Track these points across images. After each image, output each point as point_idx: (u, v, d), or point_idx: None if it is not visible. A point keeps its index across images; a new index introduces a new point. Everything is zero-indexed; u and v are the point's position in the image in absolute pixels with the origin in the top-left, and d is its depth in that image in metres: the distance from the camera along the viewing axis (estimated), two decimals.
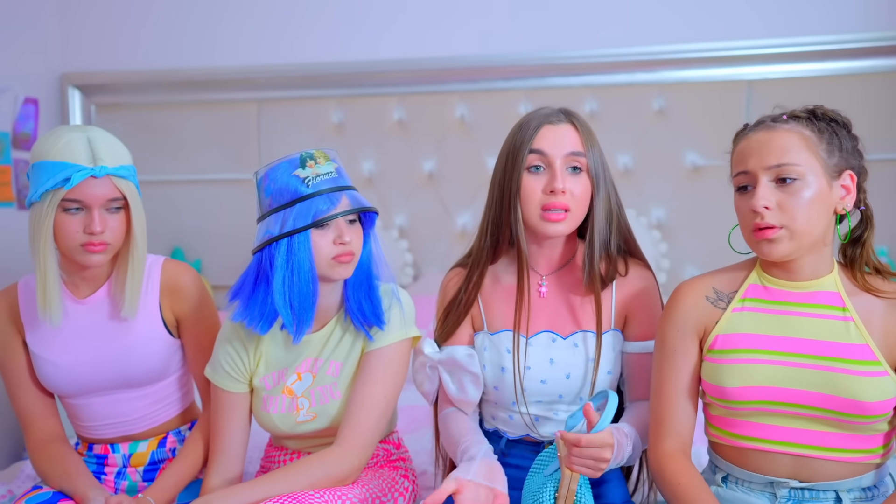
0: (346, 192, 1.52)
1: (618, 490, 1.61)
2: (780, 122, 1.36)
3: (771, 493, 1.38)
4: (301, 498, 1.43)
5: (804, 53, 2.92)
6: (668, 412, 1.43)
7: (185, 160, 3.39)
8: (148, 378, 1.70)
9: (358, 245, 1.54)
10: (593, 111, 3.11)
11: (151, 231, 3.27)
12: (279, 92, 3.27)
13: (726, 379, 1.37)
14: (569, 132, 1.53)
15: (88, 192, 1.53)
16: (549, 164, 1.51)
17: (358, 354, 1.60)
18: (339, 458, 1.52)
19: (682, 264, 3.08)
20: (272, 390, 1.61)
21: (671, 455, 1.41)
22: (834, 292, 1.37)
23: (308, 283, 1.49)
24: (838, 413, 1.32)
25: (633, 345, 1.58)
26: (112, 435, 1.73)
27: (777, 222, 1.30)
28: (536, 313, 1.58)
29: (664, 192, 3.09)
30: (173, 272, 1.72)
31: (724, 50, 2.98)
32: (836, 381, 1.32)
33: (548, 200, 1.49)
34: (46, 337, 1.66)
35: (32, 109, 3.26)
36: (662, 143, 3.07)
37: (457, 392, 1.60)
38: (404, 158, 3.24)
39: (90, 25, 3.42)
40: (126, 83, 3.36)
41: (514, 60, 3.11)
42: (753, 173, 1.33)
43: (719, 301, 1.43)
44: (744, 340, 1.39)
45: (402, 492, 1.66)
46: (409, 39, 3.21)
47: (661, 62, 3.03)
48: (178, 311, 1.71)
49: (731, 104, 3.00)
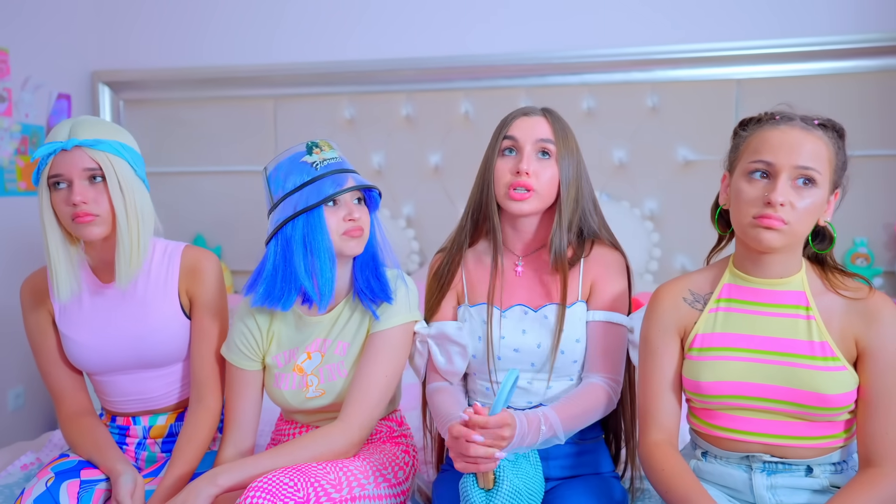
0: (350, 174, 1.56)
1: (605, 461, 1.63)
2: (812, 127, 1.31)
3: (747, 465, 1.39)
4: (304, 469, 1.44)
5: (790, 54, 2.90)
6: (654, 406, 1.43)
7: (206, 153, 3.40)
8: (167, 359, 1.70)
9: (366, 223, 1.57)
10: (590, 108, 3.08)
11: (175, 218, 3.35)
12: (294, 88, 3.27)
13: (701, 375, 1.37)
14: (540, 122, 1.57)
15: (64, 165, 1.53)
16: (520, 148, 1.54)
17: (364, 335, 1.61)
18: (341, 432, 1.53)
19: (672, 254, 3.06)
20: (283, 368, 1.62)
21: (657, 445, 1.41)
22: (800, 291, 1.37)
23: (326, 254, 1.52)
24: (803, 406, 1.32)
25: (594, 313, 1.58)
26: (134, 409, 1.73)
27: (785, 218, 1.28)
28: (512, 290, 1.60)
29: (657, 185, 3.07)
30: (193, 256, 1.70)
31: (714, 51, 2.96)
32: (799, 376, 1.32)
33: (514, 180, 1.53)
34: (73, 317, 1.67)
35: (65, 105, 3.26)
36: (655, 139, 3.05)
37: (445, 363, 1.61)
38: (412, 152, 3.23)
39: (120, 26, 3.44)
40: (152, 80, 3.37)
41: (516, 60, 3.10)
42: (777, 167, 1.29)
43: (696, 303, 1.43)
44: (719, 339, 1.39)
45: (402, 466, 1.66)
46: (418, 39, 3.20)
47: (654, 62, 3.01)
48: (192, 293, 1.69)
49: (721, 102, 2.97)
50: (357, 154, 3.25)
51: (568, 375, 1.57)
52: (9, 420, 2.97)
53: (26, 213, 2.99)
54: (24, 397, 3.05)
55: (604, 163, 3.09)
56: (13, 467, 1.82)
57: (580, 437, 1.58)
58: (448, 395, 1.61)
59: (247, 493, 1.35)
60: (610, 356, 1.56)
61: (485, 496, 1.35)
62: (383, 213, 3.22)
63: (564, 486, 1.52)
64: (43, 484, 1.55)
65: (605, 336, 1.56)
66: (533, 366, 1.57)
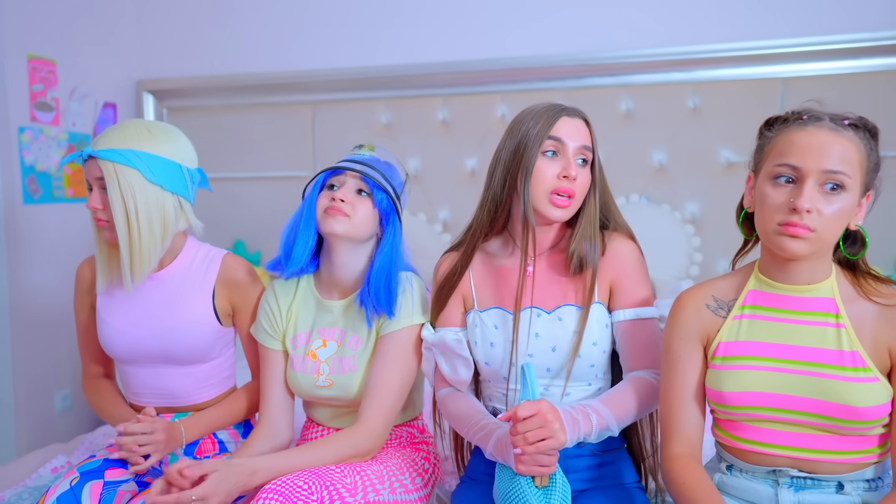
0: (362, 166, 1.60)
1: (629, 471, 1.57)
2: (842, 127, 1.23)
3: (773, 480, 1.33)
4: (319, 471, 1.45)
5: (839, 51, 2.78)
6: (676, 416, 1.38)
7: (246, 159, 3.44)
8: (190, 357, 1.73)
9: (360, 213, 1.58)
10: (629, 110, 3.02)
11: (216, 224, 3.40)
12: (332, 94, 3.28)
13: (724, 384, 1.32)
14: (582, 126, 1.52)
15: (87, 173, 1.63)
16: (564, 151, 1.49)
17: (375, 334, 1.63)
18: (361, 434, 1.54)
19: (714, 258, 2.97)
20: (298, 350, 1.67)
21: (679, 457, 1.35)
22: (829, 298, 1.30)
23: (304, 225, 1.62)
24: (833, 419, 1.26)
25: (620, 313, 1.52)
26: (155, 404, 1.76)
27: (812, 225, 1.22)
28: (524, 291, 1.54)
29: (698, 188, 2.98)
30: (231, 266, 1.76)
31: (758, 49, 2.85)
32: (828, 387, 1.25)
33: (559, 185, 1.47)
34: (112, 302, 1.74)
35: (111, 113, 3.35)
36: (697, 140, 2.96)
37: (450, 373, 1.58)
38: (448, 156, 3.21)
39: (162, 36, 3.51)
40: (194, 87, 3.42)
41: (553, 62, 3.05)
42: (804, 171, 1.22)
43: (719, 309, 1.37)
44: (743, 347, 1.33)
45: (421, 472, 1.64)
46: (453, 43, 3.18)
47: (695, 61, 2.92)
48: (235, 302, 1.75)
49: (766, 101, 2.87)
50: None
51: (586, 380, 1.52)
52: (56, 422, 3.05)
53: (74, 219, 3.08)
54: (72, 399, 3.12)
55: (643, 165, 3.02)
56: (44, 469, 1.86)
57: (602, 447, 1.53)
58: (464, 399, 1.59)
59: (259, 496, 1.36)
60: (647, 351, 1.51)
61: (541, 494, 1.33)
62: (419, 217, 3.21)
63: (585, 498, 1.48)
64: (67, 483, 1.58)
65: (638, 332, 1.51)
66: (549, 371, 1.52)
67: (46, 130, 2.99)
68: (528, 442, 1.30)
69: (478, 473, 1.60)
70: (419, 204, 3.24)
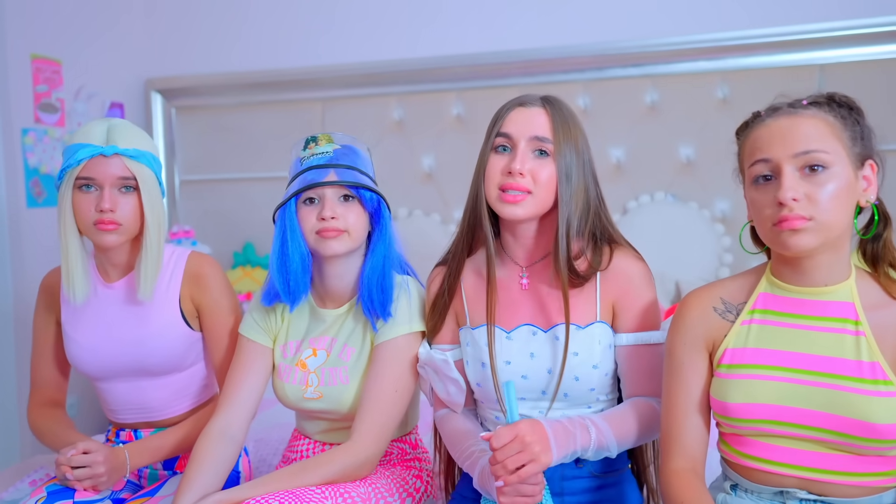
0: (336, 169, 1.45)
1: (633, 495, 1.44)
2: (801, 108, 1.18)
3: (780, 501, 1.22)
4: (299, 493, 1.33)
5: (880, 34, 2.60)
6: (677, 428, 1.27)
7: (256, 159, 3.38)
8: (165, 367, 1.65)
9: (353, 223, 1.46)
10: (654, 102, 2.87)
11: (225, 225, 3.32)
12: (342, 90, 3.20)
13: (730, 394, 1.20)
14: (538, 116, 1.37)
15: (99, 170, 1.52)
16: (514, 145, 1.36)
17: (370, 345, 1.52)
18: (354, 451, 1.43)
19: (746, 259, 2.78)
20: (287, 359, 1.55)
21: (677, 472, 1.24)
22: (848, 303, 1.18)
23: (296, 253, 1.47)
24: (848, 436, 1.13)
25: (622, 336, 1.39)
26: (134, 420, 1.69)
27: (805, 214, 1.12)
28: (518, 306, 1.42)
29: (728, 184, 2.77)
30: (196, 263, 1.66)
31: (792, 34, 2.69)
32: (844, 401, 1.13)
33: (505, 181, 1.34)
34: (76, 317, 1.65)
35: (118, 113, 3.30)
36: (728, 133, 2.74)
37: (444, 393, 1.47)
38: (463, 154, 3.06)
39: (170, 34, 3.47)
40: (203, 86, 3.37)
41: (572, 52, 2.91)
42: (776, 162, 1.15)
43: (727, 313, 1.26)
44: (751, 355, 1.21)
45: (412, 492, 1.53)
46: (469, 35, 3.07)
47: (724, 49, 2.77)
48: (199, 302, 1.65)
49: (803, 90, 2.65)
50: (406, 157, 3.14)
51: (585, 404, 1.39)
52: None
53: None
54: (77, 407, 3.07)
55: (669, 161, 2.86)
56: (22, 483, 1.81)
57: (603, 468, 1.39)
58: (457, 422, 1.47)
59: None
60: (650, 378, 1.38)
61: None
62: (433, 218, 3.09)
63: None
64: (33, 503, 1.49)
65: (640, 358, 1.38)
66: (544, 394, 1.38)
67: (51, 132, 2.94)
68: (508, 470, 1.19)
69: (468, 491, 1.47)
70: (433, 204, 3.12)
